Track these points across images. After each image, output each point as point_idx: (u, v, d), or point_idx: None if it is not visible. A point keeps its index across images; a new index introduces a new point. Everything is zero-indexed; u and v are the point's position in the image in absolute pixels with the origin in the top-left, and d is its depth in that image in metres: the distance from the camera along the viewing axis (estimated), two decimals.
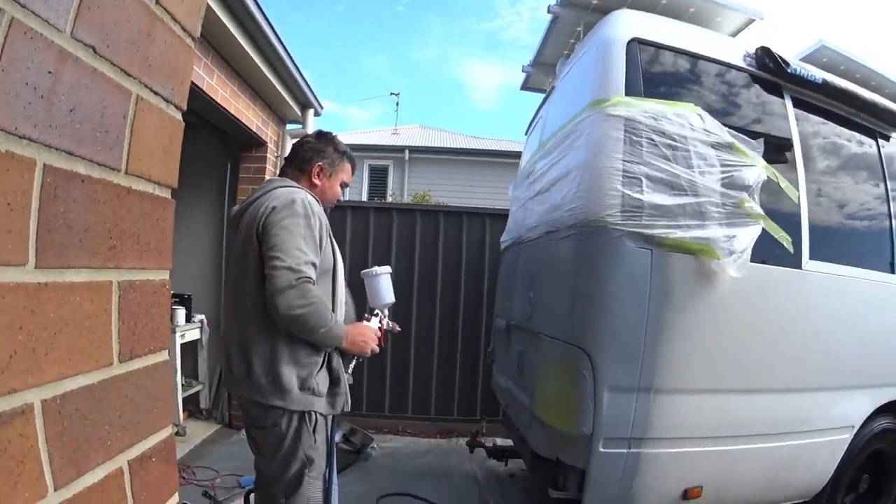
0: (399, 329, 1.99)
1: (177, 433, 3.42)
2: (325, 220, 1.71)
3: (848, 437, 2.39)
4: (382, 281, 1.94)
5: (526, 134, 3.52)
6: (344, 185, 1.90)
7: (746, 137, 2.05)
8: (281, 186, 1.70)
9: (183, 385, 3.50)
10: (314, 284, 1.55)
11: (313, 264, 1.57)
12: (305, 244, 1.57)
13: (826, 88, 2.35)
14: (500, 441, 2.82)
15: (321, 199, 1.78)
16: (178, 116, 0.62)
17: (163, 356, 0.61)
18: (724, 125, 2.05)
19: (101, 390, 0.51)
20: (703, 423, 2.04)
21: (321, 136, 1.87)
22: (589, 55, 2.19)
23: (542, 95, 3.19)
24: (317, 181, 1.80)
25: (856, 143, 2.51)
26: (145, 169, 0.56)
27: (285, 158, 1.91)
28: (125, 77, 0.52)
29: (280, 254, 1.52)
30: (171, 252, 0.63)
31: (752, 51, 2.24)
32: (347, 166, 1.88)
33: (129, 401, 0.55)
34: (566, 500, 2.10)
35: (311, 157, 1.81)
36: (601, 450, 1.93)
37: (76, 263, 0.48)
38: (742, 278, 1.97)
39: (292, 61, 3.47)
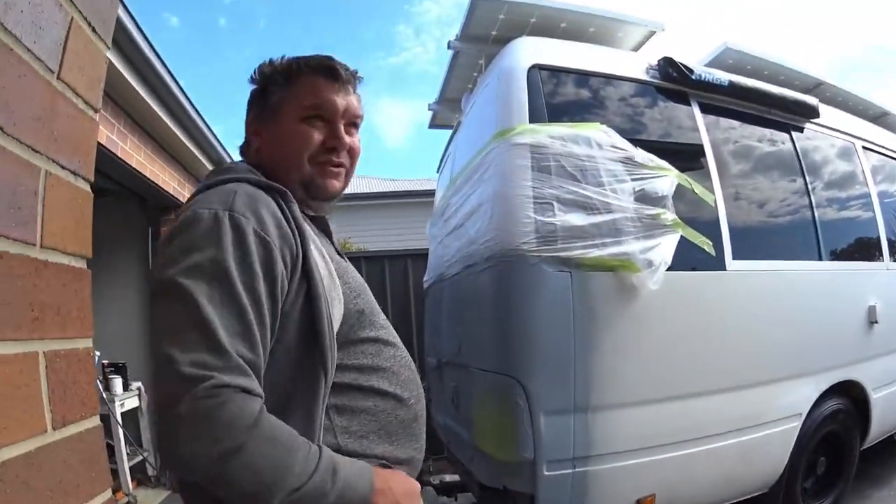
0: None
1: (128, 503, 3.38)
2: (296, 227, 0.78)
3: (797, 424, 2.43)
4: None
5: (438, 171, 3.55)
6: (315, 116, 0.87)
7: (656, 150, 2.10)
8: (199, 191, 0.82)
9: (128, 454, 3.45)
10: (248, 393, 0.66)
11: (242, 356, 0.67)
12: (223, 311, 0.67)
13: (733, 90, 2.41)
14: (448, 477, 2.81)
15: (276, 171, 0.86)
16: (87, 188, 0.63)
17: (94, 421, 0.62)
18: (634, 140, 2.10)
19: (38, 457, 0.52)
20: (646, 433, 2.06)
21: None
22: (491, 87, 2.23)
23: (451, 132, 3.21)
24: (254, 140, 0.91)
25: (770, 140, 2.58)
26: (59, 241, 0.57)
27: None
28: (33, 154, 0.53)
29: (165, 345, 0.66)
30: (94, 320, 0.64)
31: (655, 62, 2.30)
32: (305, 78, 0.87)
33: (68, 466, 0.56)
34: None
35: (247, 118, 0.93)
36: (546, 473, 1.94)
37: (2, 337, 0.49)
38: (667, 286, 2.01)
39: (201, 118, 3.50)
